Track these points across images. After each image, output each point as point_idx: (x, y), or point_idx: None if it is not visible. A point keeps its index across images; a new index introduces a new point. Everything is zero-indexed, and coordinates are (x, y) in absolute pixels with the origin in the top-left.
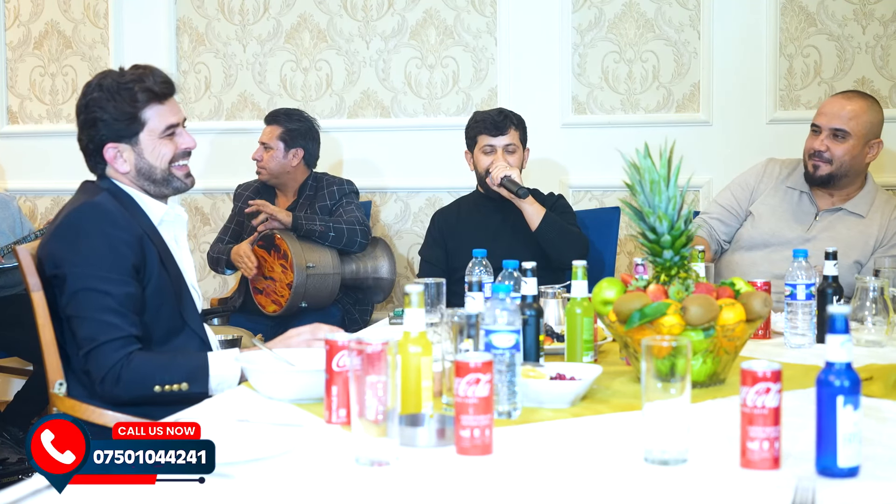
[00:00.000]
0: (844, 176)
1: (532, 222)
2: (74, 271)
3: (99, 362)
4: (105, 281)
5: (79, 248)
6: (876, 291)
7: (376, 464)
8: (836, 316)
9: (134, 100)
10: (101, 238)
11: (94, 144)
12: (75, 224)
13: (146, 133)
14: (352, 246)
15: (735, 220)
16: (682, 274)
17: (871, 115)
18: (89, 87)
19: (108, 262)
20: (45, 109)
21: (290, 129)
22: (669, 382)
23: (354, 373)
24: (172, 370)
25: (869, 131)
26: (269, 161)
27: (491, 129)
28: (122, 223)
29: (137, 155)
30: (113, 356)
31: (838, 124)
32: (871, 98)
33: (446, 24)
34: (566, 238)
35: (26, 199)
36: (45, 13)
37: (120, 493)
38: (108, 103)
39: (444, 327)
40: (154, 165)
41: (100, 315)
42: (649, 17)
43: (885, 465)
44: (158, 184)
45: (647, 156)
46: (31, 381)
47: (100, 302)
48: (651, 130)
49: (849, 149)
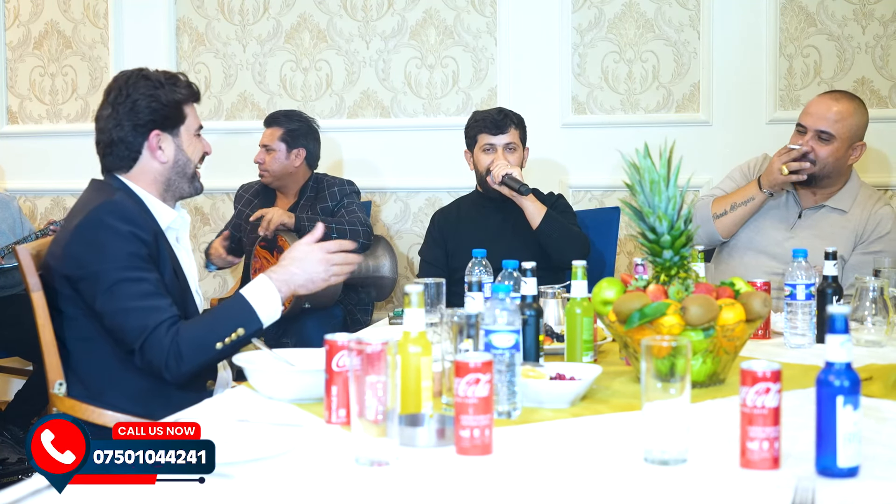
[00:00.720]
0: (826, 177)
1: (533, 221)
2: (105, 267)
3: (155, 349)
4: (136, 269)
5: (103, 245)
6: (876, 291)
7: (376, 464)
8: (835, 316)
9: (179, 92)
10: (123, 233)
11: (137, 131)
12: (96, 222)
13: (185, 127)
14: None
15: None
16: (681, 274)
17: (857, 117)
18: (126, 77)
19: (135, 254)
20: (44, 109)
21: (290, 129)
22: (669, 382)
23: (354, 373)
24: (222, 323)
25: (854, 134)
26: (271, 163)
27: (491, 128)
28: (140, 221)
29: (177, 147)
30: (166, 338)
31: (824, 126)
32: (857, 100)
33: (446, 24)
34: (567, 237)
35: (26, 199)
36: (44, 13)
37: (120, 493)
38: (157, 90)
39: (444, 327)
40: (190, 160)
41: (142, 301)
42: (649, 17)
43: (885, 464)
44: (187, 179)
45: (646, 156)
46: (31, 380)
47: (138, 289)
48: (651, 130)
49: (833, 151)
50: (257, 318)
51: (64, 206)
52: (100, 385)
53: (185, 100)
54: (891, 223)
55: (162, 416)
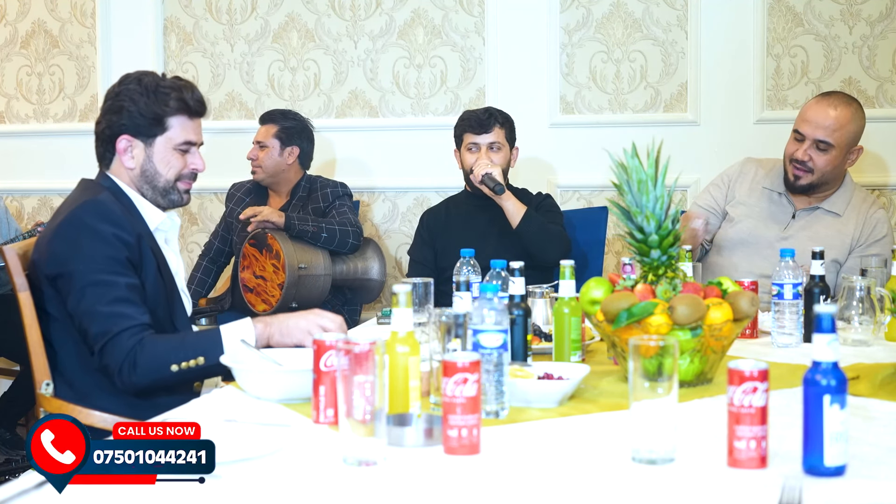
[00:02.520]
0: (825, 184)
1: (513, 220)
2: (79, 268)
3: (114, 353)
4: (111, 273)
5: (82, 245)
6: (863, 291)
7: (364, 464)
8: (822, 315)
9: (166, 104)
10: (103, 234)
11: (110, 131)
12: (77, 221)
13: (163, 139)
14: (343, 247)
15: (716, 220)
16: (669, 273)
17: (855, 123)
18: (128, 78)
19: (112, 257)
20: (31, 109)
21: (285, 126)
22: (657, 382)
23: (342, 372)
24: (186, 347)
25: (852, 140)
26: (264, 159)
27: (475, 127)
28: (122, 222)
29: (147, 156)
30: (126, 344)
31: (822, 136)
32: (854, 103)
33: (434, 24)
34: (546, 236)
35: (13, 199)
36: (31, 12)
37: (120, 493)
38: (141, 98)
39: (432, 327)
40: (160, 173)
41: (110, 307)
42: (637, 17)
43: (872, 464)
44: (158, 191)
45: (634, 155)
46: (18, 381)
47: (109, 293)
48: (639, 130)
49: (831, 160)
50: (221, 353)
51: (51, 206)
52: (87, 386)
53: (171, 113)
54: (886, 227)
55: (149, 417)
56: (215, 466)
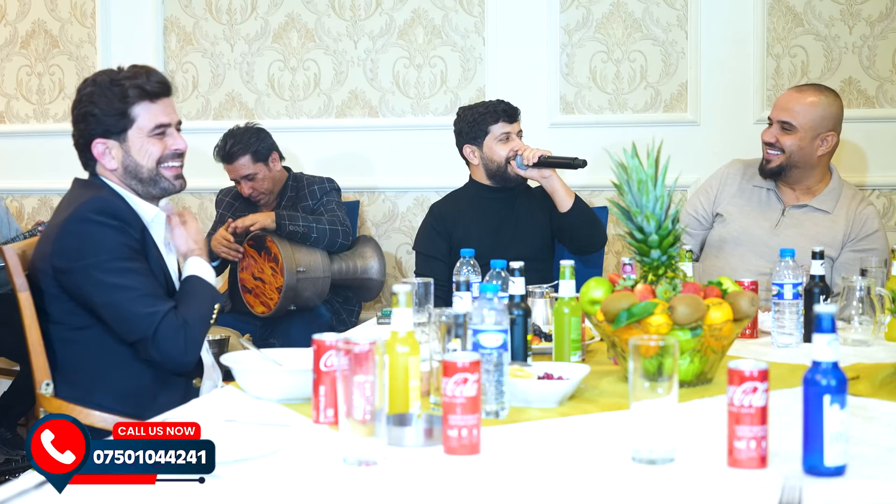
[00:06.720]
0: (795, 167)
1: (563, 204)
2: (95, 260)
3: (166, 348)
4: (135, 259)
5: (94, 238)
6: (863, 291)
7: (364, 464)
8: (822, 315)
9: (124, 96)
10: (113, 226)
11: (84, 139)
12: (86, 217)
13: (135, 130)
14: (332, 247)
15: (702, 227)
16: (669, 273)
17: (823, 108)
18: (84, 84)
19: (127, 244)
20: (32, 109)
21: (254, 149)
22: (657, 382)
23: (342, 372)
24: (201, 303)
25: (819, 124)
26: (261, 184)
27: (509, 116)
28: (127, 217)
29: (125, 152)
30: (176, 322)
31: (785, 117)
32: (827, 91)
33: (434, 24)
34: (594, 224)
35: (13, 199)
36: (31, 12)
37: (120, 493)
38: (100, 98)
39: (432, 327)
40: (140, 164)
41: (147, 290)
42: (637, 17)
43: (872, 463)
44: (145, 183)
45: (634, 155)
46: (17, 381)
47: (141, 278)
48: (639, 130)
49: (796, 140)
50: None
51: (51, 206)
52: (87, 385)
53: (132, 102)
54: (877, 222)
55: (149, 416)
56: (215, 466)
